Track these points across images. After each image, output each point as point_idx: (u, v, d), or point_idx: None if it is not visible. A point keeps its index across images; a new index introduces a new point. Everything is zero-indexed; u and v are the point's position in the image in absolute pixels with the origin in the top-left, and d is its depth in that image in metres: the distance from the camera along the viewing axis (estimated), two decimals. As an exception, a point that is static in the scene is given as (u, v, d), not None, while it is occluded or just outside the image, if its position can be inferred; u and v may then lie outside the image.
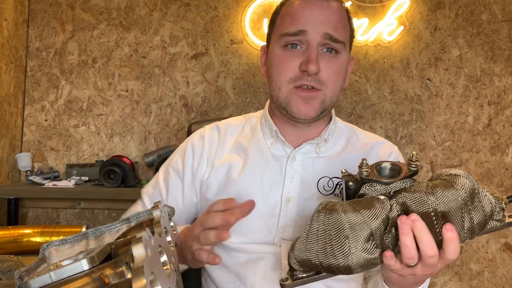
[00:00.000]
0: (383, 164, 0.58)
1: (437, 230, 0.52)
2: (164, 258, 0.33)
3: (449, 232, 0.51)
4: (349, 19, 0.85)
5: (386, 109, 2.22)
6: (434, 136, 2.21)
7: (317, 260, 0.55)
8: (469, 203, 0.51)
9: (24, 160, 2.06)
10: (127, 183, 1.89)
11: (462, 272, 2.17)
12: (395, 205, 0.53)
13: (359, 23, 2.17)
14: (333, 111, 0.90)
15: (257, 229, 0.81)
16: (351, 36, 0.86)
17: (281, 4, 0.86)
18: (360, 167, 0.57)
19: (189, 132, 1.21)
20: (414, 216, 0.51)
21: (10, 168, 2.08)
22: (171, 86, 2.21)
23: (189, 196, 0.89)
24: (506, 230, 2.16)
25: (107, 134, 2.20)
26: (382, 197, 0.54)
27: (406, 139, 2.21)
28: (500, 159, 2.18)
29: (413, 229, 0.52)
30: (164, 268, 0.32)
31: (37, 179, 1.96)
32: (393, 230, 0.53)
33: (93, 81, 2.20)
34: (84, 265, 0.35)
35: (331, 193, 0.82)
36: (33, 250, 0.93)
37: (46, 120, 2.19)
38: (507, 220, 0.54)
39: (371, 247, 0.52)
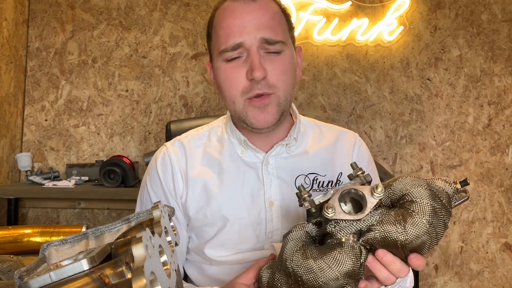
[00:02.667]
0: (345, 191, 0.57)
1: (405, 256, 0.54)
2: (164, 258, 0.33)
3: (416, 262, 0.53)
4: (283, 11, 0.82)
5: (386, 109, 2.22)
6: (434, 136, 2.21)
7: None
8: (433, 219, 0.52)
9: (24, 160, 2.06)
10: (127, 183, 1.89)
11: (462, 272, 2.17)
12: (364, 247, 0.54)
13: (359, 23, 2.17)
14: (294, 107, 0.89)
15: (247, 239, 0.81)
16: (290, 28, 0.83)
17: (212, 16, 0.82)
18: (311, 205, 0.57)
19: (168, 131, 1.17)
20: (380, 253, 0.53)
21: (10, 168, 2.08)
22: (171, 86, 2.21)
23: (182, 220, 0.85)
24: (506, 230, 2.16)
25: (107, 134, 2.20)
26: (350, 240, 0.54)
27: (406, 139, 2.21)
28: (500, 159, 2.18)
29: (383, 263, 0.54)
30: (164, 268, 0.32)
31: (37, 179, 1.96)
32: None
33: (93, 81, 2.20)
34: (84, 265, 0.35)
35: (310, 189, 0.83)
36: (33, 250, 0.93)
37: (46, 120, 2.19)
38: (461, 197, 0.58)
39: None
